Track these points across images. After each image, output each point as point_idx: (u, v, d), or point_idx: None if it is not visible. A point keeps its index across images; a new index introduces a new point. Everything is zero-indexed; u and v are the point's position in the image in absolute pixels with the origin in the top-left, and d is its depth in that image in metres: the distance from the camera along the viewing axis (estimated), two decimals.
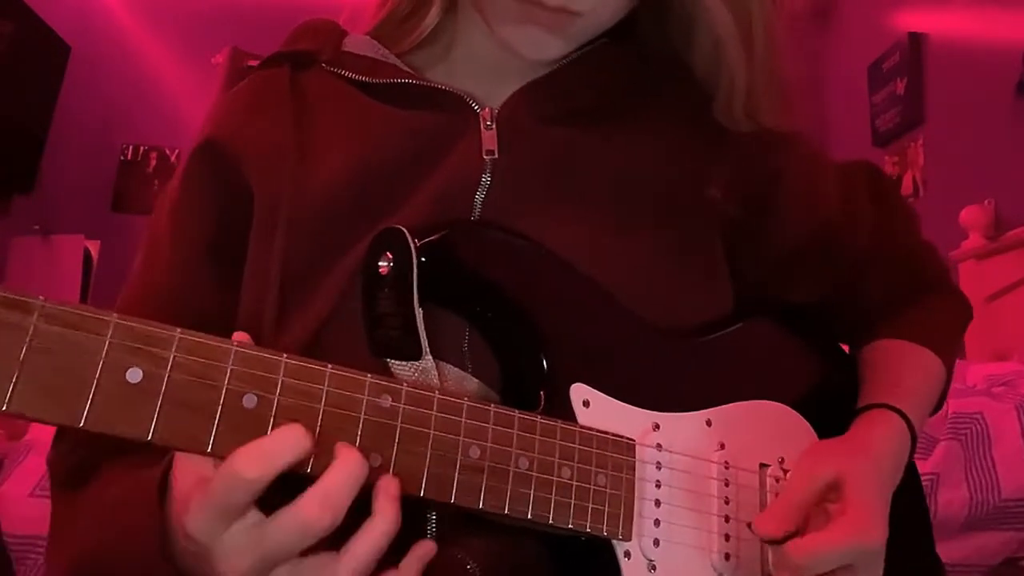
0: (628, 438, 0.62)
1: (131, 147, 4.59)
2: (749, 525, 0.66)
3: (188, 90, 4.48)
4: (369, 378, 0.52)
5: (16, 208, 4.30)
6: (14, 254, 4.19)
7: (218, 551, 0.49)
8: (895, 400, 0.74)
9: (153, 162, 4.58)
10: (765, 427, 0.71)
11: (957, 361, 0.86)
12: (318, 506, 0.47)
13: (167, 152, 4.58)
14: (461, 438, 0.54)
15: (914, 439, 0.74)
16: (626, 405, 0.64)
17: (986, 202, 2.92)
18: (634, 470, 0.61)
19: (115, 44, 4.58)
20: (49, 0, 4.16)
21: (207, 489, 0.48)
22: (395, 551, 0.63)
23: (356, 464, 0.48)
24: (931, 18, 3.49)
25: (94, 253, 4.27)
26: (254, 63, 0.80)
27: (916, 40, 3.51)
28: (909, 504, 0.75)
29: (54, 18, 4.21)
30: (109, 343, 0.45)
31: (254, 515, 0.48)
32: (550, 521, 0.57)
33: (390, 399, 0.52)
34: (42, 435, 1.46)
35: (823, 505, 0.65)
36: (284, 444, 0.47)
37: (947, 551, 1.51)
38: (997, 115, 2.92)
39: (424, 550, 0.55)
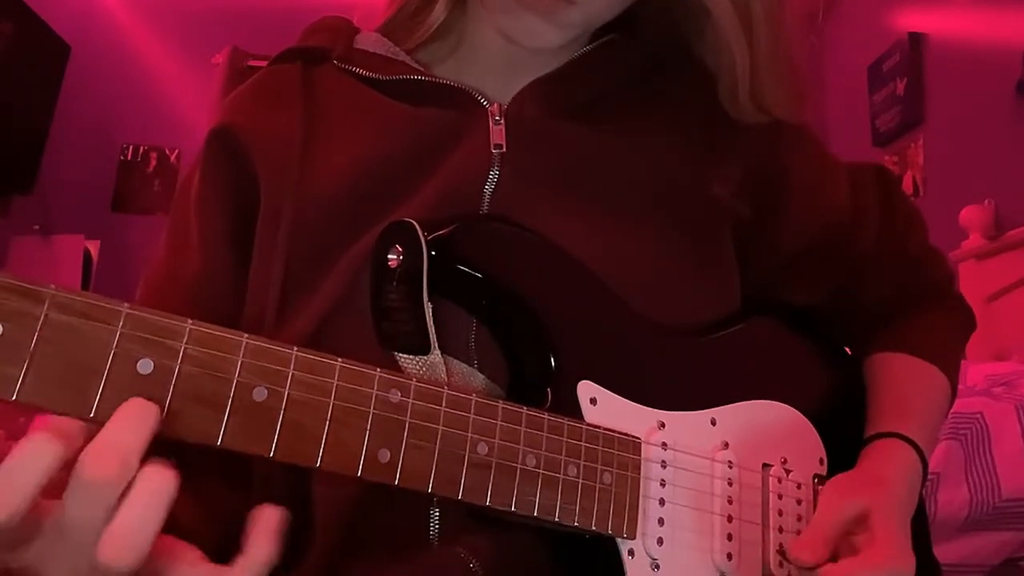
0: (634, 436, 0.62)
1: (131, 147, 4.58)
2: (782, 548, 0.68)
3: (188, 90, 4.47)
4: (378, 372, 0.52)
5: (16, 208, 4.29)
6: (14, 254, 4.19)
7: (36, 567, 0.45)
8: (906, 429, 0.74)
9: (153, 162, 4.57)
10: (769, 427, 0.71)
11: None
12: (92, 457, 0.42)
13: (167, 152, 4.57)
14: (469, 434, 0.54)
15: (925, 466, 0.74)
16: (632, 403, 0.64)
17: (986, 202, 2.91)
18: (639, 469, 0.62)
19: (115, 44, 4.57)
20: (49, 0, 4.15)
21: None
22: (396, 551, 0.63)
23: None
24: (931, 18, 3.49)
25: (94, 253, 4.26)
26: (254, 63, 0.81)
27: (916, 40, 3.50)
28: None
29: (54, 18, 4.20)
30: (120, 334, 0.44)
31: (48, 519, 0.44)
32: (555, 519, 0.57)
33: (399, 394, 0.52)
34: None
35: (850, 537, 0.65)
36: (24, 463, 0.41)
37: (947, 551, 1.51)
38: (997, 115, 2.92)
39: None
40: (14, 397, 0.42)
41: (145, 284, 0.75)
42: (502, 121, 0.72)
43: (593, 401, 0.62)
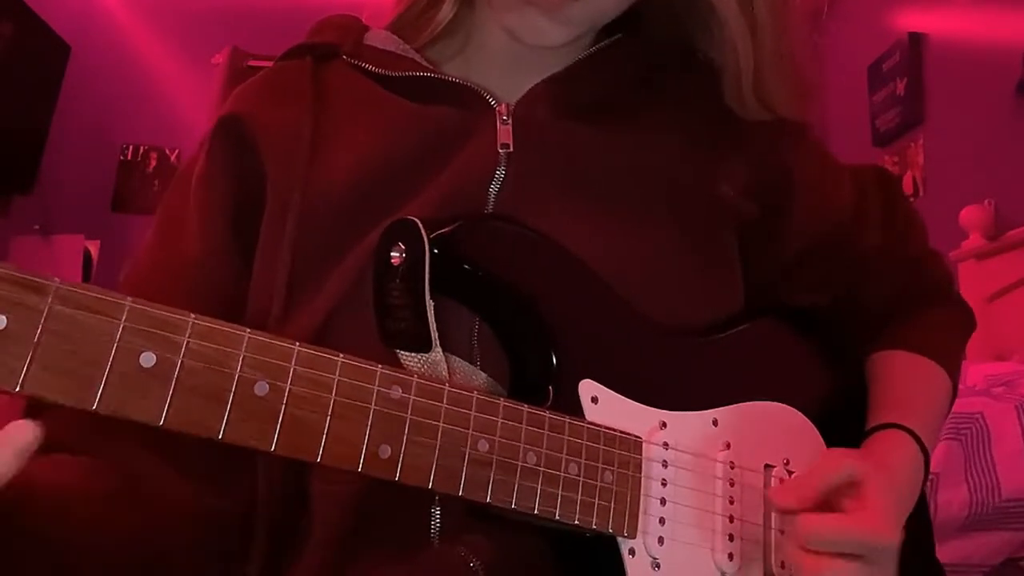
0: (635, 435, 0.62)
1: (131, 147, 4.58)
2: (785, 529, 0.67)
3: (188, 90, 4.47)
4: (380, 369, 0.52)
5: (16, 208, 4.29)
6: (14, 254, 4.19)
7: None
8: (908, 421, 0.74)
9: (153, 162, 4.57)
10: (771, 428, 0.71)
11: None
12: None
13: (167, 152, 4.57)
14: (470, 431, 0.54)
15: (927, 460, 0.74)
16: (634, 402, 0.64)
17: (986, 202, 2.91)
18: (640, 468, 0.62)
19: (115, 44, 4.57)
20: (49, 0, 4.15)
21: None
22: (397, 549, 0.63)
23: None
24: (931, 18, 3.49)
25: (94, 253, 4.26)
26: (254, 63, 0.81)
27: (916, 40, 3.51)
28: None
29: (54, 18, 4.20)
30: (123, 327, 0.45)
31: None
32: (556, 517, 0.57)
33: (400, 390, 0.52)
34: None
35: (840, 500, 0.63)
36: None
37: (947, 551, 1.51)
38: (997, 115, 2.92)
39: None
40: (17, 388, 0.42)
41: (132, 275, 0.75)
42: (509, 121, 0.72)
43: (594, 400, 0.62)
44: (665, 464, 0.63)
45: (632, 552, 0.60)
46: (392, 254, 0.61)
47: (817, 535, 0.60)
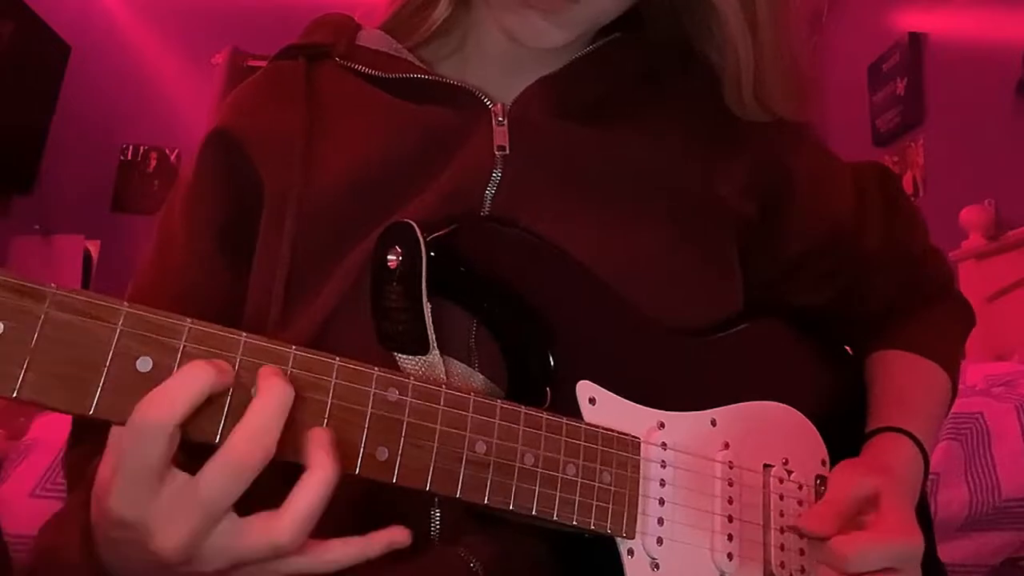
0: (633, 436, 0.62)
1: (131, 147, 4.58)
2: (785, 529, 0.67)
3: (188, 90, 4.47)
4: (376, 371, 0.52)
5: (16, 208, 4.29)
6: (14, 254, 4.19)
7: (152, 523, 0.46)
8: (907, 424, 0.75)
9: (153, 162, 4.57)
10: (770, 428, 0.71)
11: None
12: (246, 442, 0.46)
13: (167, 152, 4.57)
14: (467, 433, 0.54)
15: (926, 461, 0.74)
16: (632, 403, 0.64)
17: (986, 202, 2.92)
18: (639, 468, 0.62)
19: (115, 44, 4.57)
20: (49, 0, 4.16)
21: (119, 456, 0.46)
22: (396, 550, 0.63)
23: (280, 392, 0.46)
24: (931, 18, 3.49)
25: (94, 253, 4.27)
26: (254, 63, 0.81)
27: (916, 40, 3.51)
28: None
29: (54, 18, 4.20)
30: (120, 332, 0.45)
31: (180, 476, 0.46)
32: (554, 518, 0.57)
33: (397, 392, 0.52)
34: (42, 435, 1.46)
35: (858, 518, 0.66)
36: (184, 380, 0.45)
37: (947, 551, 1.50)
38: (997, 115, 2.92)
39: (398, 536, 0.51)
40: (15, 395, 0.42)
41: (133, 286, 0.76)
42: (505, 122, 0.72)
43: (592, 401, 0.62)
44: (663, 464, 0.63)
45: (631, 552, 0.60)
46: (389, 257, 0.61)
47: (859, 556, 0.62)
